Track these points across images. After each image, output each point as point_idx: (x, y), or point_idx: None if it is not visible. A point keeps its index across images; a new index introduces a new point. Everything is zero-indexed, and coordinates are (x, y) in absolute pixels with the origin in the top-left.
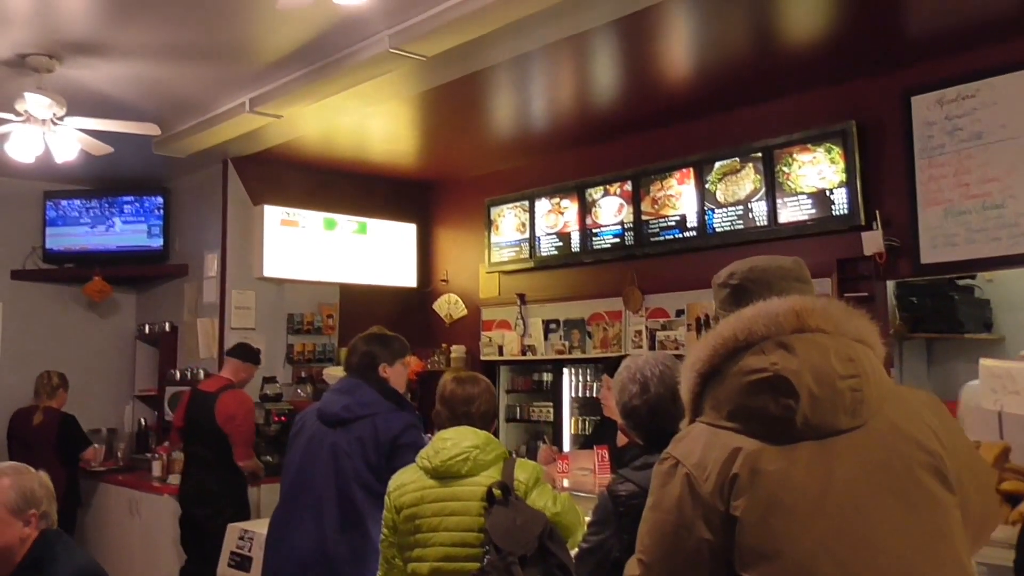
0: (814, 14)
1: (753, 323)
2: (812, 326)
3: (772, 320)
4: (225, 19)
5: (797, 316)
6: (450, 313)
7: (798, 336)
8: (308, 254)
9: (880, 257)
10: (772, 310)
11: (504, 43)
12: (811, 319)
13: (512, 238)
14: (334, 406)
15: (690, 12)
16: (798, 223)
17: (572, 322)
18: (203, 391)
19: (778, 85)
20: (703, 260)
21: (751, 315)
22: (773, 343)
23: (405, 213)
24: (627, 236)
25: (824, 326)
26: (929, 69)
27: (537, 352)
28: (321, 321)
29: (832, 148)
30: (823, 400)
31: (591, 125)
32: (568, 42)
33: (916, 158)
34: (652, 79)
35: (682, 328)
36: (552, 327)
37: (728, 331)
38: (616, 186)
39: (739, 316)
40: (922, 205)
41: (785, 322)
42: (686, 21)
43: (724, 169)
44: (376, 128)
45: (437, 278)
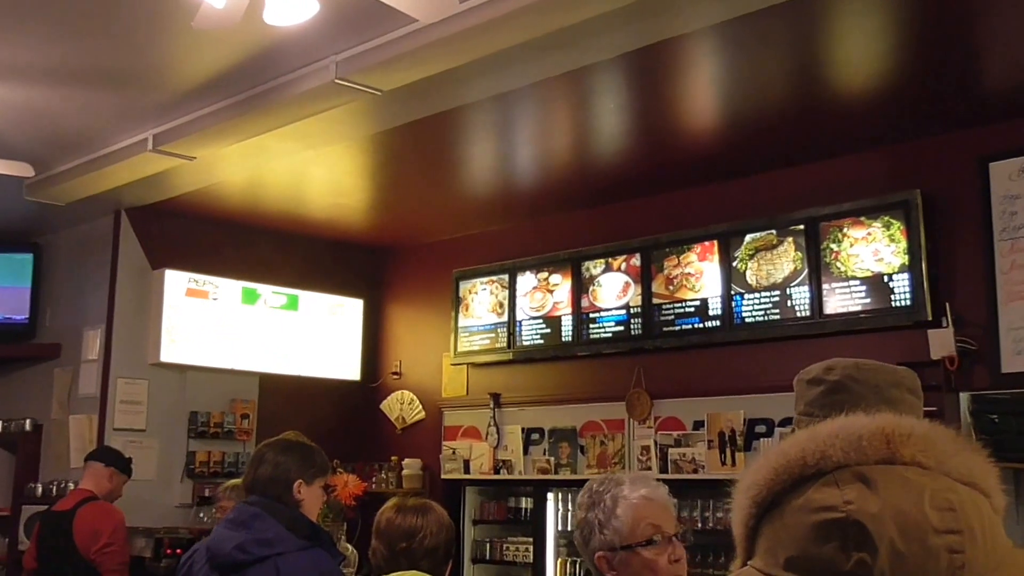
0: (871, 57)
1: (828, 444)
2: (906, 457)
3: (853, 443)
4: (126, 36)
5: (887, 441)
6: (403, 416)
7: (885, 468)
8: (220, 334)
9: (951, 362)
10: (855, 429)
11: (482, 78)
12: (905, 447)
13: (486, 321)
14: (226, 543)
15: (718, 48)
16: (848, 315)
17: (560, 432)
18: (56, 511)
19: (826, 143)
20: (728, 358)
21: (828, 433)
22: (851, 474)
23: (350, 285)
24: (633, 324)
25: (923, 458)
26: (1012, 130)
27: (514, 470)
28: (233, 423)
29: (892, 223)
30: (909, 559)
31: (591, 182)
32: (564, 79)
33: (995, 239)
34: (669, 128)
35: (701, 445)
36: (535, 438)
37: (795, 451)
38: (621, 259)
39: (813, 433)
40: (1003, 299)
41: (870, 447)
42: (712, 59)
43: (757, 244)
44: (317, 177)
45: (387, 370)
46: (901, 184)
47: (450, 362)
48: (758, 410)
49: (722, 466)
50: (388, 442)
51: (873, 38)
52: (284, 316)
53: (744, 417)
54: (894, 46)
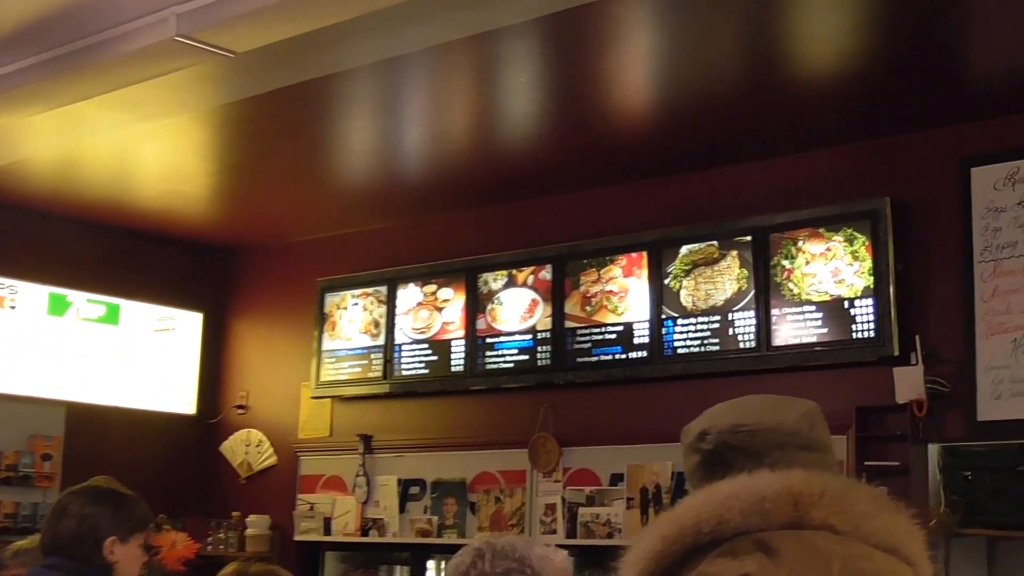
0: (838, 35)
1: (726, 508)
2: (816, 520)
3: (755, 505)
4: None
5: (794, 502)
6: (248, 462)
7: (791, 534)
8: (18, 353)
9: (920, 407)
10: (757, 490)
11: (362, 39)
12: (816, 509)
13: (357, 344)
14: None
15: (656, 16)
16: (801, 348)
17: (446, 485)
18: None
19: (781, 137)
20: (656, 397)
21: (727, 494)
22: (751, 542)
23: (186, 295)
24: (540, 352)
25: (835, 522)
26: (999, 130)
27: (387, 532)
28: (31, 465)
29: (856, 237)
30: None
31: (494, 174)
32: (466, 45)
33: (975, 260)
34: (592, 111)
35: (619, 503)
36: (414, 492)
37: (689, 516)
38: (528, 272)
39: (709, 495)
40: (982, 332)
41: (775, 510)
42: (649, 29)
43: (695, 257)
44: (149, 156)
45: (230, 403)
46: (868, 190)
47: (310, 394)
48: None
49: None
50: (229, 494)
51: (841, 13)
52: (101, 331)
53: (672, 470)
54: (864, 23)
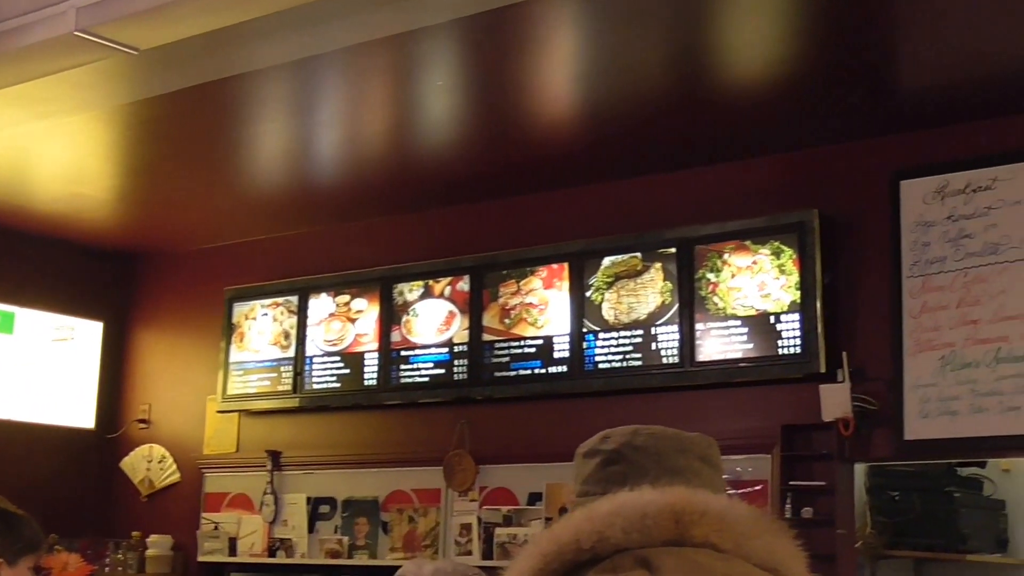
0: (768, 43)
1: (607, 524)
2: (697, 537)
3: (636, 521)
4: None
5: (676, 519)
6: (150, 479)
7: (673, 551)
8: None
9: (846, 426)
10: (638, 506)
11: (275, 38)
12: (697, 527)
13: (266, 356)
14: None
15: (581, 19)
16: (725, 364)
17: (358, 504)
18: None
19: (708, 146)
20: (576, 413)
21: (607, 511)
22: (632, 558)
23: (85, 302)
24: (457, 366)
25: (717, 540)
26: (929, 142)
27: (295, 552)
28: None
29: (783, 250)
30: None
31: (411, 180)
32: (383, 46)
33: (904, 275)
34: (513, 117)
35: (537, 524)
36: (324, 510)
37: (568, 533)
38: (445, 282)
39: (590, 512)
40: (910, 348)
41: (656, 526)
42: (573, 32)
43: (617, 269)
44: (47, 156)
45: (132, 417)
46: (796, 202)
47: (216, 408)
48: None
49: None
50: (129, 512)
51: (770, 22)
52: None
53: None
54: (795, 33)
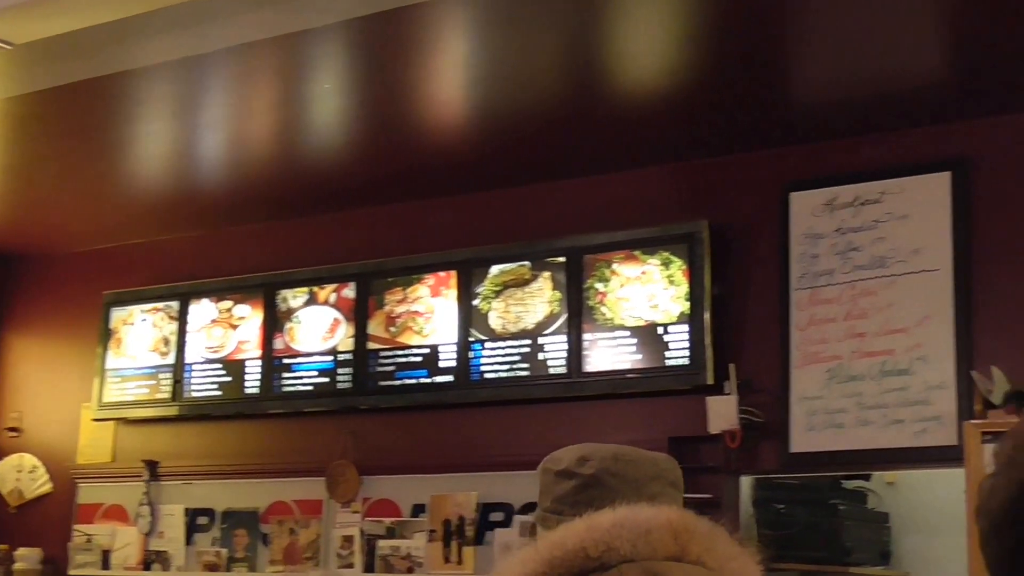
0: (660, 56)
1: (614, 536)
2: (692, 555)
3: (641, 536)
4: None
5: (675, 536)
6: (20, 490)
7: (676, 566)
8: None
9: (733, 438)
10: (641, 521)
11: (159, 35)
12: (693, 544)
13: (144, 363)
14: None
15: (473, 23)
16: (613, 375)
17: (238, 515)
18: None
19: (599, 154)
20: (462, 423)
21: (612, 523)
22: (640, 569)
23: None
24: (341, 375)
25: (707, 559)
26: (819, 155)
27: (171, 565)
28: None
29: (672, 260)
30: None
31: (297, 184)
32: (270, 46)
33: (792, 288)
34: (402, 121)
35: (421, 536)
36: (202, 522)
37: (574, 541)
38: (330, 289)
39: (592, 524)
40: (797, 361)
41: (659, 542)
42: (465, 37)
43: (506, 278)
44: None
45: (1, 425)
46: (687, 212)
47: (92, 416)
48: (495, 492)
49: (446, 563)
50: None
51: (664, 32)
52: None
53: (477, 501)
54: (688, 43)
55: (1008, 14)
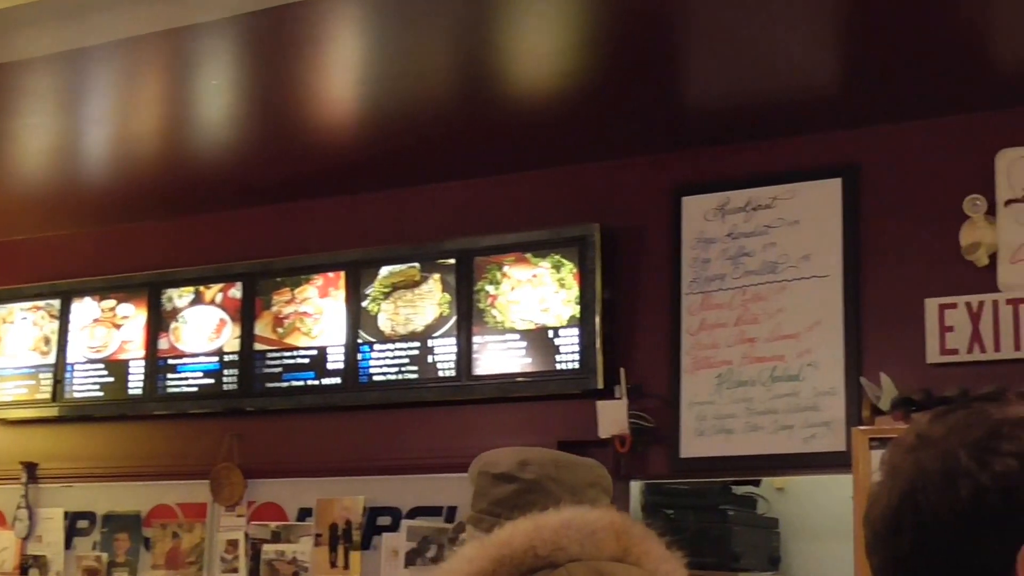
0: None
1: (562, 536)
2: (632, 556)
3: (588, 536)
4: None
5: (617, 538)
6: None
7: (621, 567)
8: None
9: (622, 443)
10: (587, 522)
11: (40, 27)
12: (634, 546)
13: (24, 362)
14: None
15: (364, 21)
16: (503, 378)
17: (119, 519)
18: None
19: (490, 156)
20: (350, 426)
21: (559, 524)
22: (586, 568)
23: None
24: (227, 376)
25: (645, 560)
26: (712, 160)
27: (50, 570)
28: None
29: (563, 263)
30: None
31: (183, 182)
32: (157, 41)
33: (684, 292)
34: (290, 122)
35: (307, 540)
36: (82, 526)
37: (523, 540)
38: (216, 289)
39: (539, 523)
40: (688, 366)
41: (604, 543)
42: (356, 35)
43: (395, 279)
44: None
45: None
46: (578, 215)
47: None
48: (383, 496)
49: (332, 568)
50: None
51: (557, 33)
52: None
53: (364, 505)
54: (581, 45)
55: (897, 25)
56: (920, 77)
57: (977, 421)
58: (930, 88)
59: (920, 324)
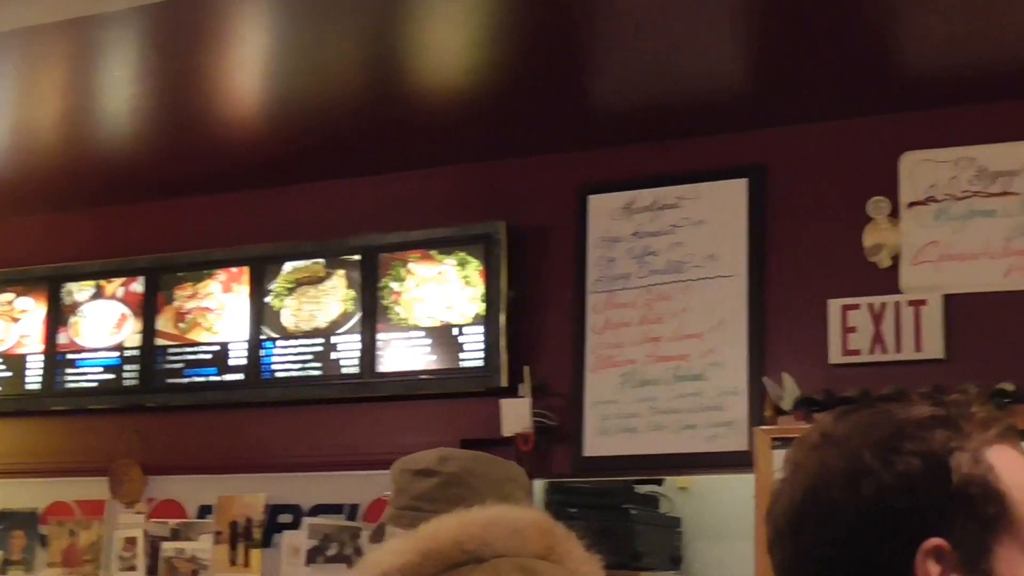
0: (461, 54)
1: (488, 532)
2: (555, 555)
3: (515, 533)
4: None
5: (541, 536)
6: None
7: (543, 564)
8: None
9: (526, 441)
10: (511, 520)
11: None
12: (557, 546)
13: None
14: None
15: (265, 16)
16: (407, 376)
17: (15, 516)
18: None
19: (396, 152)
20: (252, 423)
21: (486, 520)
22: (511, 564)
23: None
24: (128, 371)
25: (568, 560)
26: (619, 159)
27: None
28: None
29: (469, 261)
30: None
31: (85, 175)
32: (60, 30)
33: (589, 291)
34: (194, 115)
35: (207, 538)
36: None
37: (447, 535)
38: (118, 283)
39: (465, 519)
40: (592, 364)
41: (528, 541)
42: (258, 30)
43: (299, 275)
44: None
45: None
46: (484, 213)
47: None
48: (284, 494)
49: (232, 566)
50: None
51: (466, 29)
52: None
53: (265, 503)
54: (490, 41)
55: (803, 28)
56: (826, 79)
57: (881, 421)
58: (836, 90)
59: (823, 324)
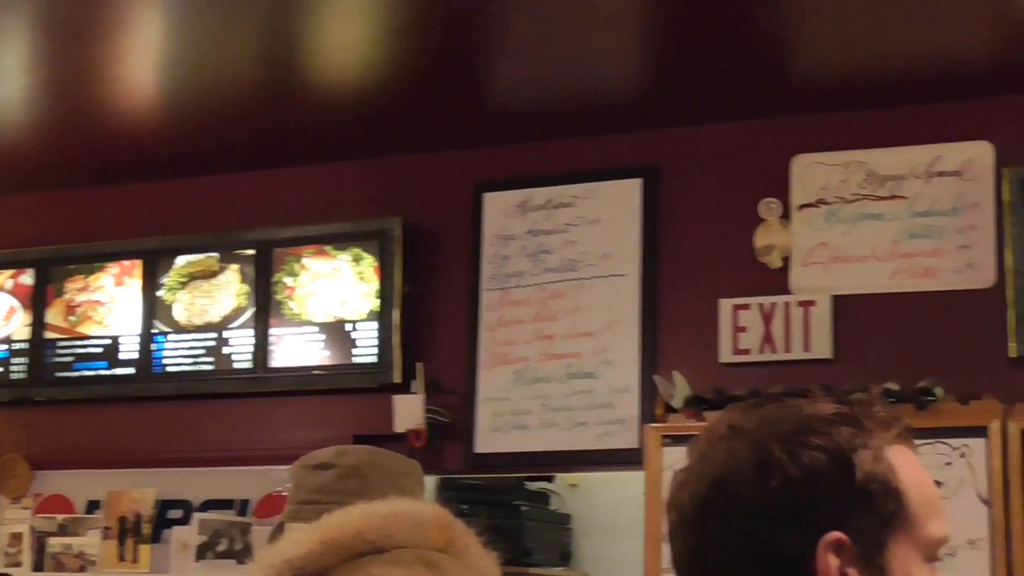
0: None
1: (390, 524)
2: (454, 548)
3: (416, 525)
4: None
5: (441, 530)
6: None
7: (443, 556)
8: None
9: (418, 437)
10: (412, 512)
11: None
12: (457, 539)
13: None
14: None
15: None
16: (299, 371)
17: None
18: None
19: (292, 146)
20: (142, 417)
21: (388, 513)
22: (412, 556)
23: None
24: (16, 364)
25: (466, 555)
26: (515, 157)
27: None
28: None
29: (363, 256)
30: None
31: None
32: None
33: (483, 288)
34: (86, 104)
35: (95, 533)
36: None
37: (349, 525)
38: (6, 275)
39: (368, 511)
40: (485, 361)
41: (429, 533)
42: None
43: (192, 269)
44: None
45: None
46: (380, 209)
47: None
48: (174, 489)
49: (120, 562)
50: None
51: (365, 23)
52: None
53: (155, 498)
54: (388, 36)
55: (698, 31)
56: (719, 82)
57: (789, 415)
58: (729, 93)
59: (714, 324)
